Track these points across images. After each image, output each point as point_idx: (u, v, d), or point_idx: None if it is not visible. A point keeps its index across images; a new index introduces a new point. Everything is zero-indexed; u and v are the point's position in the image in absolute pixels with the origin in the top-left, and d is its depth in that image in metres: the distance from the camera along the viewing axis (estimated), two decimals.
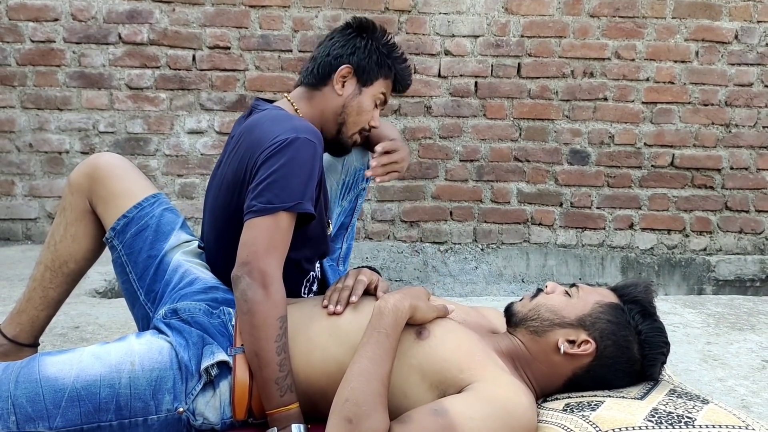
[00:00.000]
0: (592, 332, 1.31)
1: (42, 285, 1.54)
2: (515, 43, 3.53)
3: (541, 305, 1.37)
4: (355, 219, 2.00)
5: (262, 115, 1.56)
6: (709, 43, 3.55)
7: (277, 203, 1.36)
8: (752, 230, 3.67)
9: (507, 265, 3.63)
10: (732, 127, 3.61)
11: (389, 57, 1.63)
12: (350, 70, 1.60)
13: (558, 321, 1.33)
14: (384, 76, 1.63)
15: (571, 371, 1.33)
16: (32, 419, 1.22)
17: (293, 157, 1.39)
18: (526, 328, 1.37)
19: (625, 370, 1.33)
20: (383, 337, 1.23)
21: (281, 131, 1.42)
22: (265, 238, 1.34)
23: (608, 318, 1.32)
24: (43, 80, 3.43)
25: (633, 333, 1.31)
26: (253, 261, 1.33)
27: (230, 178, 1.50)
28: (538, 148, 3.60)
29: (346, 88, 1.61)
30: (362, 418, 1.12)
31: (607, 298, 1.36)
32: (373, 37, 1.63)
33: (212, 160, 3.52)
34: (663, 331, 1.34)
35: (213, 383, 1.33)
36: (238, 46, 3.48)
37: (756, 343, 2.12)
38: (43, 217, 3.51)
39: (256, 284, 1.31)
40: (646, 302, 1.34)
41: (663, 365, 1.36)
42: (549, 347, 1.33)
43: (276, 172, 1.37)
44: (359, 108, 1.62)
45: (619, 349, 1.31)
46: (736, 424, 1.17)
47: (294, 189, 1.38)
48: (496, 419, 1.16)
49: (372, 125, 1.67)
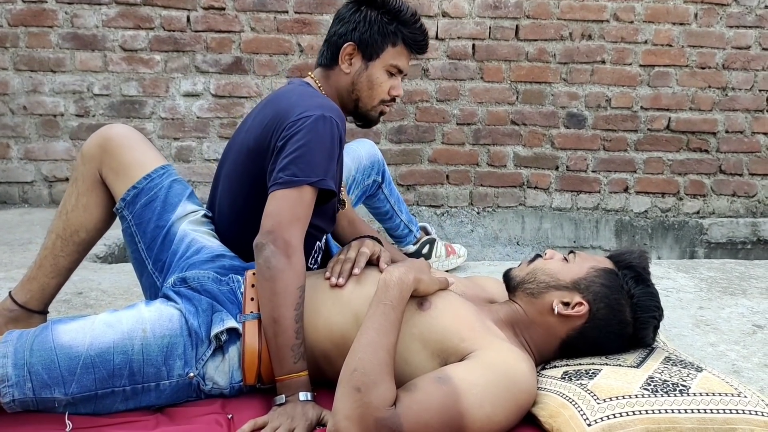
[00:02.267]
0: (586, 295, 1.35)
1: (53, 253, 1.56)
2: (513, 4, 3.49)
3: (538, 269, 1.42)
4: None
5: (290, 89, 1.60)
6: (708, 5, 3.52)
7: (302, 177, 1.40)
8: (745, 193, 3.72)
9: (503, 228, 3.67)
10: (728, 90, 3.61)
11: (394, 22, 1.60)
12: (353, 47, 1.60)
13: (554, 283, 1.38)
14: (391, 43, 1.61)
15: (565, 333, 1.37)
16: (48, 386, 1.26)
17: (319, 134, 1.42)
18: (523, 290, 1.41)
19: (617, 333, 1.37)
20: (389, 309, 1.26)
21: (308, 107, 1.45)
22: (290, 209, 1.38)
23: (602, 282, 1.36)
24: (36, 41, 3.39)
25: (626, 297, 1.35)
26: (277, 230, 1.36)
27: (252, 144, 1.53)
28: (535, 112, 3.60)
29: (353, 66, 1.62)
30: (370, 386, 1.16)
31: (603, 263, 1.40)
32: (373, 6, 1.61)
33: (208, 123, 3.51)
34: (655, 296, 1.38)
35: (222, 349, 1.37)
36: (233, 6, 3.43)
37: (747, 307, 2.18)
38: (39, 180, 3.51)
39: (280, 252, 1.35)
40: (640, 268, 1.38)
41: (656, 330, 1.41)
42: (545, 308, 1.37)
43: (302, 147, 1.41)
44: (369, 82, 1.62)
45: (612, 311, 1.35)
46: (728, 391, 1.22)
47: (318, 165, 1.41)
48: (497, 385, 1.20)
49: (393, 94, 1.65)
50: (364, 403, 1.14)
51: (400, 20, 1.61)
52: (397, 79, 1.65)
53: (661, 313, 1.39)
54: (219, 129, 3.52)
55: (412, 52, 1.65)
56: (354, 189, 2.22)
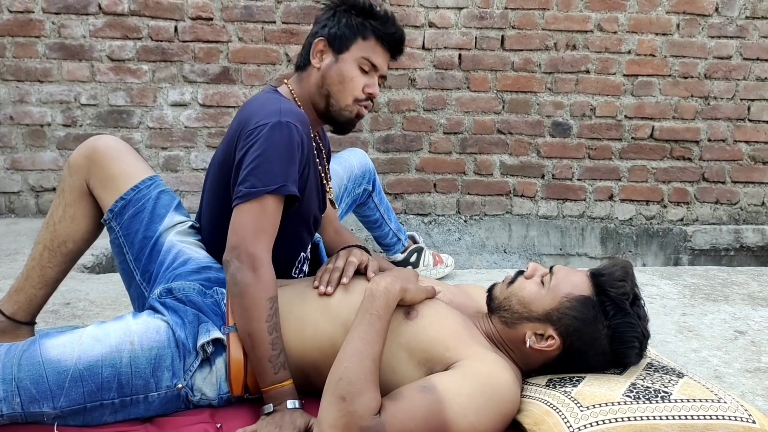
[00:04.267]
0: (558, 327, 1.32)
1: (40, 264, 1.57)
2: (499, 15, 3.53)
3: (513, 295, 1.38)
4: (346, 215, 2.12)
5: (255, 98, 1.61)
6: (690, 15, 3.58)
7: (260, 187, 1.39)
8: (728, 201, 3.77)
9: (489, 236, 3.69)
10: (710, 99, 3.66)
11: (362, 15, 1.57)
12: (324, 42, 1.58)
13: (526, 314, 1.35)
14: (362, 36, 1.56)
15: (541, 361, 1.37)
16: (36, 400, 1.26)
17: (274, 141, 1.41)
18: (499, 317, 1.40)
19: (596, 363, 1.34)
20: (375, 319, 1.28)
21: (265, 115, 1.45)
22: (252, 222, 1.38)
23: (574, 315, 1.31)
24: (23, 51, 3.38)
25: (602, 328, 1.30)
26: (241, 245, 1.37)
27: (220, 158, 1.56)
28: (520, 121, 3.63)
29: (324, 61, 1.59)
30: (355, 395, 1.17)
31: (578, 290, 1.33)
32: (344, 6, 1.59)
33: (196, 132, 3.52)
34: (634, 324, 1.31)
35: (209, 360, 1.38)
36: (220, 17, 3.44)
37: (729, 313, 2.21)
38: (26, 191, 3.49)
39: (245, 267, 1.36)
40: (618, 295, 1.30)
41: (641, 353, 1.35)
42: (518, 339, 1.36)
43: (259, 157, 1.40)
44: (339, 75, 1.57)
45: (585, 344, 1.32)
46: (709, 397, 1.24)
47: (277, 173, 1.40)
48: (481, 394, 1.22)
49: (368, 92, 1.59)
50: (349, 412, 1.16)
51: (369, 13, 1.58)
52: (372, 78, 1.59)
53: (642, 339, 1.33)
54: (207, 138, 3.53)
55: (385, 46, 1.59)
56: (345, 198, 2.24)
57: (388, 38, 1.59)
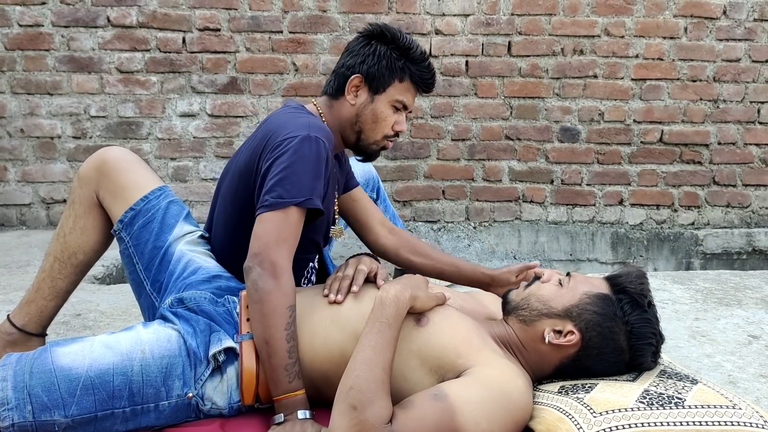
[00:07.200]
0: (577, 323, 1.33)
1: (51, 276, 1.57)
2: (505, 21, 3.53)
3: (532, 295, 1.40)
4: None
5: (282, 111, 1.62)
6: (697, 18, 3.57)
7: (287, 198, 1.41)
8: (739, 204, 3.74)
9: (499, 242, 3.68)
10: (720, 102, 3.65)
11: (403, 59, 1.59)
12: (360, 79, 1.60)
13: (545, 311, 1.36)
14: (399, 79, 1.60)
15: (558, 360, 1.36)
16: (48, 408, 1.26)
17: (303, 154, 1.43)
18: (516, 316, 1.40)
19: (613, 360, 1.34)
20: (385, 327, 1.27)
21: (294, 128, 1.47)
22: (276, 231, 1.39)
23: (594, 309, 1.33)
24: (33, 65, 3.41)
25: (620, 324, 1.32)
26: (264, 252, 1.37)
27: (242, 166, 1.56)
28: (528, 126, 3.63)
29: (359, 98, 1.61)
30: (366, 404, 1.16)
31: (597, 288, 1.36)
32: (383, 42, 1.60)
33: (205, 142, 3.53)
34: (652, 322, 1.33)
35: (221, 369, 1.38)
36: (228, 27, 3.46)
37: (742, 318, 2.19)
38: (37, 203, 3.52)
39: (267, 274, 1.36)
40: (637, 292, 1.33)
41: (656, 354, 1.36)
42: (537, 337, 1.36)
43: (287, 169, 1.42)
44: (374, 116, 1.61)
45: (604, 339, 1.32)
46: (723, 403, 1.22)
47: (304, 185, 1.42)
48: (493, 402, 1.21)
49: (397, 130, 1.64)
50: (360, 421, 1.15)
51: (409, 57, 1.60)
52: (401, 115, 1.64)
53: (659, 338, 1.35)
54: (215, 148, 3.54)
55: (418, 89, 1.64)
56: None
57: (423, 83, 1.63)
